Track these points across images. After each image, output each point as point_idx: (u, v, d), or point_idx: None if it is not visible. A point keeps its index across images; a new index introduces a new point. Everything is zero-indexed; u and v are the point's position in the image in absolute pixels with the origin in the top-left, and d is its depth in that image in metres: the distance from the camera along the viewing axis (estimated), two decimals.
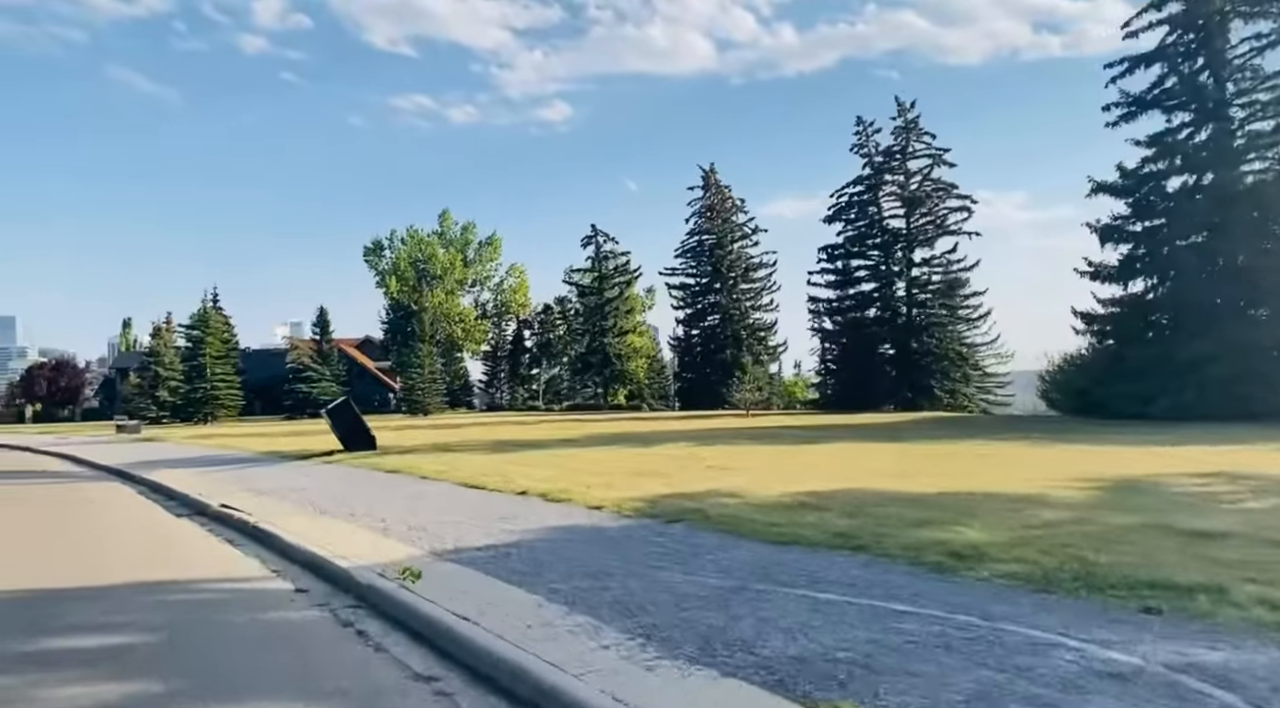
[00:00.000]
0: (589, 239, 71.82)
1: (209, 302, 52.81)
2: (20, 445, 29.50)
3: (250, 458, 19.28)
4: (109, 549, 8.72)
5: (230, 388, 53.08)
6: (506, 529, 8.27)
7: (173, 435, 33.19)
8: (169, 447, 25.69)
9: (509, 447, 19.92)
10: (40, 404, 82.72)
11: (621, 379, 71.46)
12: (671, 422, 34.03)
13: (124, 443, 28.70)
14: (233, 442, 26.37)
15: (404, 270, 72.23)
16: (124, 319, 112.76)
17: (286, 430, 35.04)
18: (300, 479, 14.05)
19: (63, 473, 18.60)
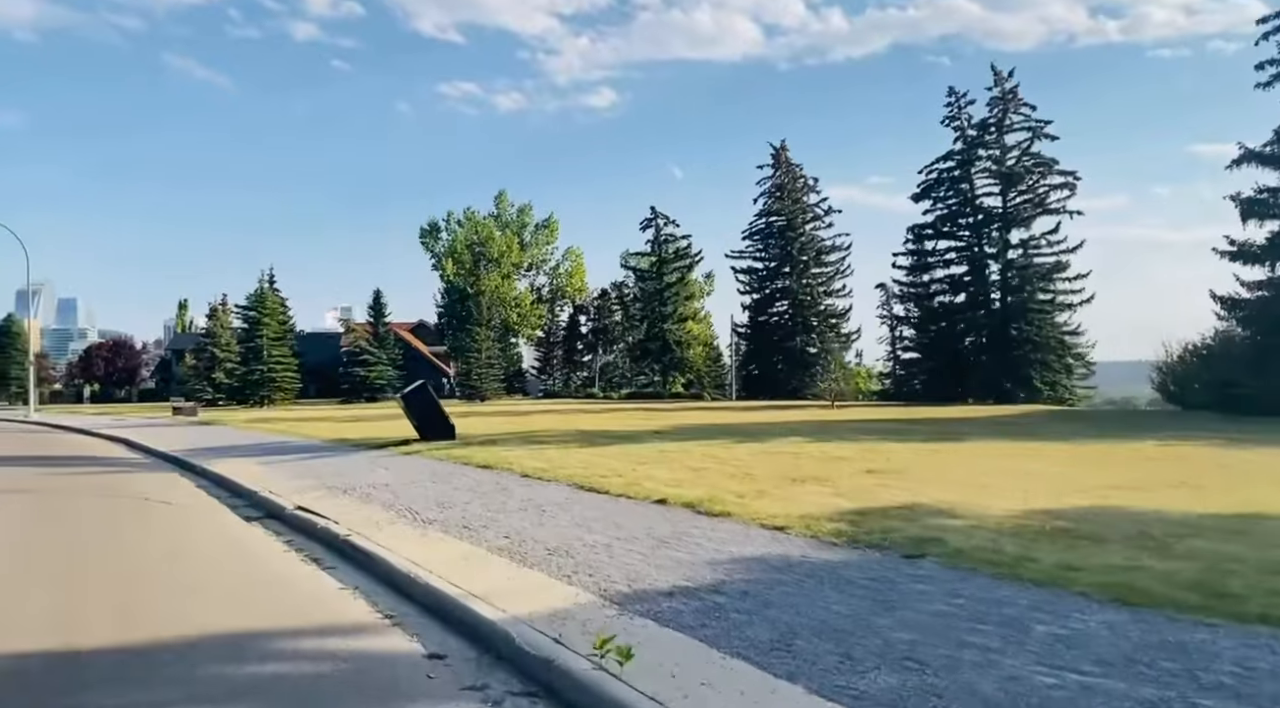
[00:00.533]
0: (648, 222, 69.72)
1: (265, 282, 51.89)
2: (77, 427, 28.45)
3: (318, 447, 17.61)
4: (163, 575, 6.88)
5: (287, 370, 52.16)
6: (682, 559, 6.26)
7: (231, 419, 31.99)
8: (228, 431, 24.30)
9: (599, 439, 17.98)
10: (98, 384, 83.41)
11: (680, 367, 69.42)
12: (752, 413, 31.86)
13: (181, 427, 27.46)
14: (295, 427, 24.89)
15: (460, 253, 70.87)
16: (180, 301, 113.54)
17: (348, 415, 33.64)
18: (381, 474, 12.24)
19: (117, 460, 17.13)
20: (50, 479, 13.25)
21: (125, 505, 10.47)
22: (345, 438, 19.35)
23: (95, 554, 7.59)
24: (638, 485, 10.02)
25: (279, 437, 20.88)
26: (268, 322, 51.38)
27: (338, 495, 10.28)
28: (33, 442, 22.81)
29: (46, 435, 25.59)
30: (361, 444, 17.51)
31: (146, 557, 7.44)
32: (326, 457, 15.26)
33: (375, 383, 59.83)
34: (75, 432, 27.26)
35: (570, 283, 76.53)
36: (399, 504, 9.40)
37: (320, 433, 21.36)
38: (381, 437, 19.28)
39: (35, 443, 22.24)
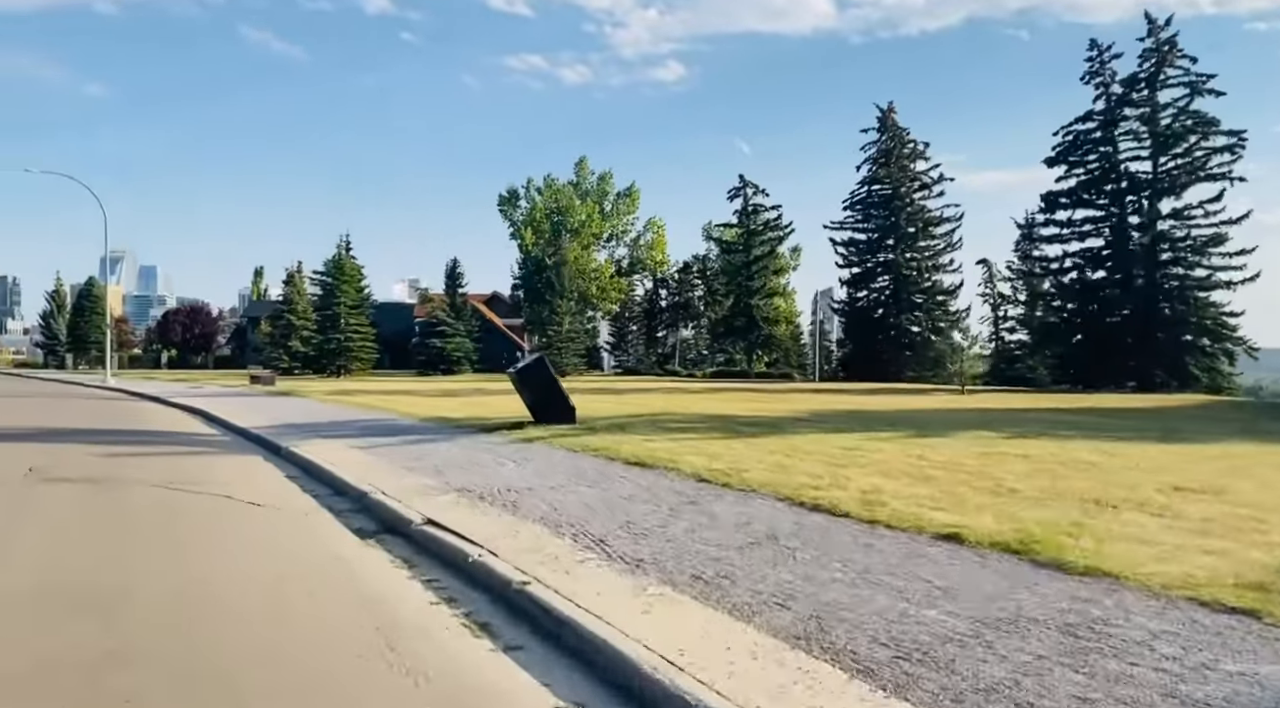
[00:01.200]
0: (736, 191, 66.52)
1: (342, 248, 50.39)
2: (152, 395, 26.95)
3: (418, 427, 15.32)
4: (257, 663, 4.43)
5: (364, 340, 50.77)
6: (1098, 672, 3.53)
7: (310, 389, 30.25)
8: (311, 404, 22.35)
9: (738, 426, 15.34)
10: (175, 350, 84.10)
11: (767, 345, 66.35)
12: (878, 397, 28.82)
13: (259, 397, 25.70)
14: (380, 401, 22.84)
15: (539, 222, 68.72)
16: (255, 268, 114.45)
17: (434, 389, 31.66)
18: (511, 470, 9.78)
19: (192, 437, 15.10)
20: (113, 462, 11.13)
21: (200, 508, 8.17)
22: (444, 417, 17.09)
23: (151, 606, 5.20)
24: (880, 505, 7.33)
25: (369, 413, 18.74)
26: (345, 289, 49.96)
27: (473, 502, 7.81)
28: (104, 411, 21.17)
29: (119, 403, 24.05)
30: (466, 426, 15.19)
31: (229, 613, 5.00)
32: (433, 441, 12.91)
33: (452, 355, 58.22)
34: (149, 400, 25.73)
35: (650, 255, 73.85)
36: (564, 521, 6.86)
37: (413, 410, 19.17)
38: (485, 416, 16.98)
39: (106, 413, 20.56)
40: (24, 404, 23.09)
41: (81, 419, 17.94)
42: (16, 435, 14.29)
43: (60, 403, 24.07)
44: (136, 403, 24.72)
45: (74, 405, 22.76)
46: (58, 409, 21.09)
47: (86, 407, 22.37)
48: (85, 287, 74.13)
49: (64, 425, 16.02)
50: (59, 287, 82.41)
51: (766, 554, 5.79)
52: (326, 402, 23.52)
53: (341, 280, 49.63)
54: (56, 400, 24.70)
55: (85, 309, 72.12)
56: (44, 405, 22.56)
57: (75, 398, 26.73)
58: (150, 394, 27.12)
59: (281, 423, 16.14)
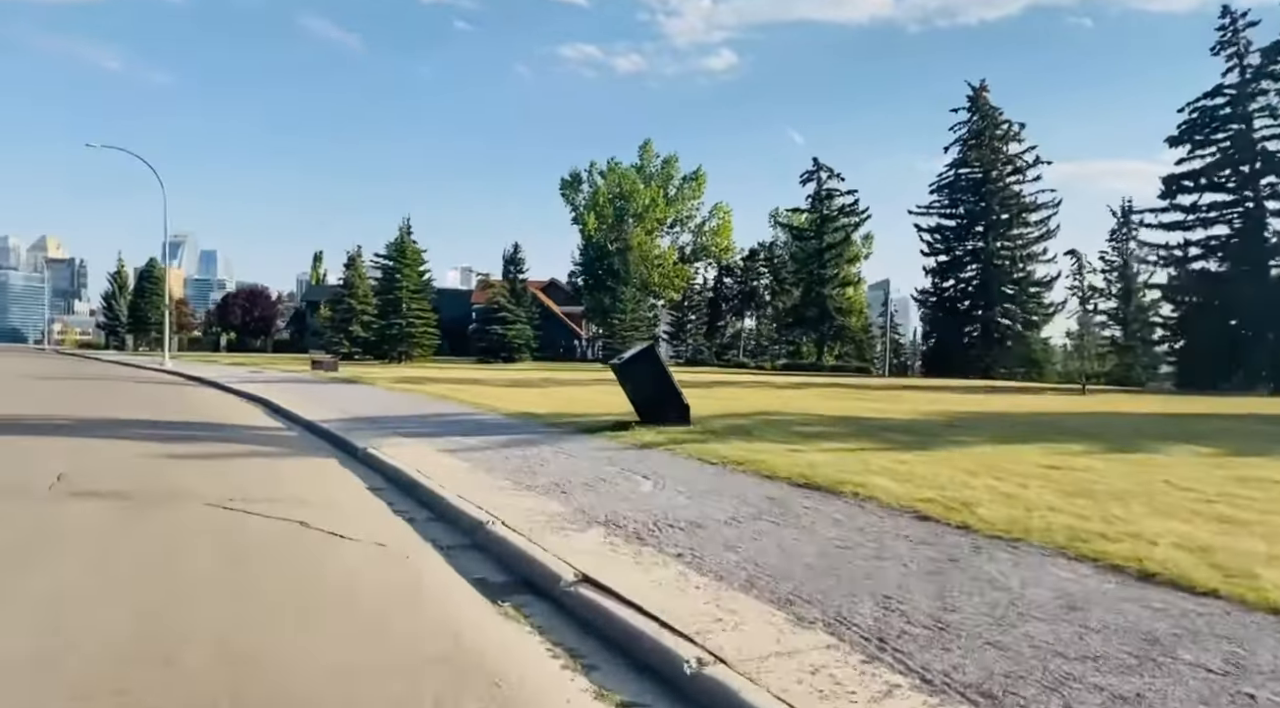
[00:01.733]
0: (809, 175, 63.76)
1: (404, 231, 48.92)
2: (210, 379, 25.48)
3: (506, 425, 13.31)
4: None
5: (426, 326, 49.33)
6: None
7: (373, 376, 28.60)
8: (378, 393, 20.58)
9: (876, 429, 13.06)
10: (234, 333, 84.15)
11: (840, 336, 63.55)
12: (991, 397, 26.17)
13: (323, 384, 24.05)
14: (451, 391, 20.99)
15: (602, 206, 66.63)
16: (315, 253, 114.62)
17: (502, 378, 29.85)
18: (649, 489, 7.66)
19: (254, 432, 13.28)
20: (160, 467, 9.27)
21: (265, 544, 6.16)
22: (532, 413, 15.07)
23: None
24: (1177, 560, 5.03)
25: (445, 406, 16.82)
26: (407, 273, 48.52)
27: (632, 545, 5.69)
28: (157, 397, 19.62)
29: (174, 389, 22.56)
30: (562, 424, 13.15)
31: None
32: (533, 444, 10.86)
33: (513, 342, 56.60)
34: (207, 385, 24.25)
35: (715, 241, 71.33)
36: (787, 591, 4.68)
37: (493, 402, 17.20)
38: (578, 413, 14.94)
39: (159, 400, 18.98)
40: (75, 388, 21.71)
41: (132, 407, 16.31)
42: (58, 427, 12.59)
43: (112, 387, 22.68)
44: (193, 388, 23.23)
45: (126, 390, 21.31)
46: (108, 394, 19.61)
47: (139, 392, 20.89)
48: (146, 268, 74.21)
49: (111, 415, 14.34)
50: (121, 268, 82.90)
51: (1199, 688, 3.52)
52: (394, 390, 21.75)
53: (403, 264, 48.18)
54: (109, 384, 23.34)
55: (146, 290, 72.15)
56: (94, 390, 21.14)
57: (129, 381, 25.40)
58: (208, 379, 25.67)
59: (352, 416, 14.28)
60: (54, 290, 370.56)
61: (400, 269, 47.84)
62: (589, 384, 28.12)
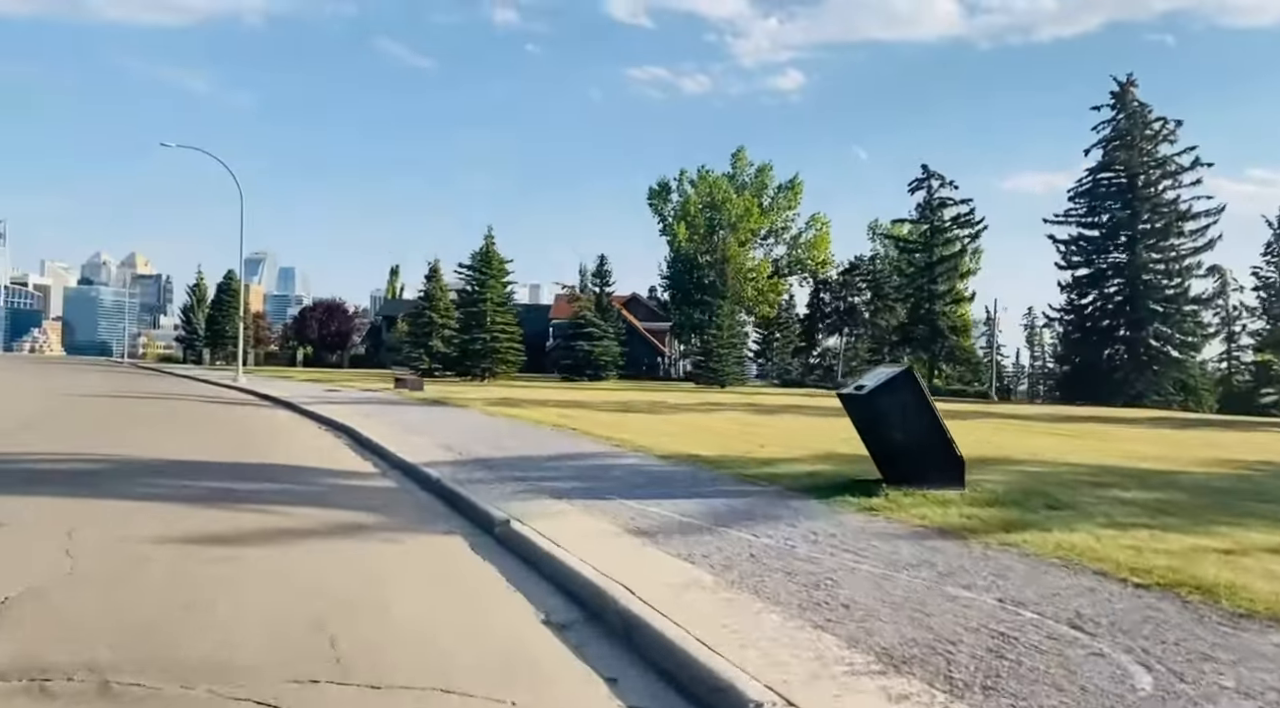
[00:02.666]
0: (919, 182, 59.11)
1: (489, 240, 45.97)
2: (284, 400, 22.39)
3: (678, 476, 9.51)
4: None
5: (510, 340, 46.18)
6: None
7: (464, 397, 25.24)
8: (478, 420, 17.09)
9: (1222, 496, 8.93)
10: (310, 347, 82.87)
11: (952, 357, 58.47)
12: (1204, 433, 21.48)
13: (411, 407, 20.69)
14: (563, 418, 17.43)
15: (694, 216, 62.97)
16: (391, 267, 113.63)
17: (605, 400, 26.21)
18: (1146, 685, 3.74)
19: (336, 483, 9.76)
20: (184, 572, 5.70)
21: None
22: (695, 455, 11.33)
23: None
24: None
25: (573, 441, 13.14)
26: (492, 284, 45.51)
27: None
28: (221, 423, 16.42)
29: (243, 412, 19.42)
30: (752, 477, 9.39)
31: None
32: (754, 518, 7.04)
33: (599, 359, 53.11)
34: (281, 405, 21.14)
35: (812, 254, 66.98)
36: None
37: (630, 437, 13.47)
38: (749, 456, 11.17)
39: (222, 426, 15.76)
40: (127, 410, 18.76)
41: (185, 439, 13.02)
42: (68, 476, 9.26)
43: (170, 410, 19.71)
44: (264, 410, 20.12)
45: (188, 413, 18.24)
46: (165, 419, 16.52)
47: (202, 414, 17.79)
48: (224, 281, 73.22)
49: (149, 455, 10.99)
50: (199, 281, 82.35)
51: None
52: (495, 415, 18.26)
53: (488, 274, 45.18)
54: (168, 405, 20.40)
55: (224, 303, 71.05)
56: (148, 413, 18.12)
57: (194, 401, 22.49)
58: (281, 398, 22.59)
59: (460, 453, 10.75)
60: (141, 305, 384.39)
61: (485, 280, 44.84)
62: (706, 410, 24.31)
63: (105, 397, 22.27)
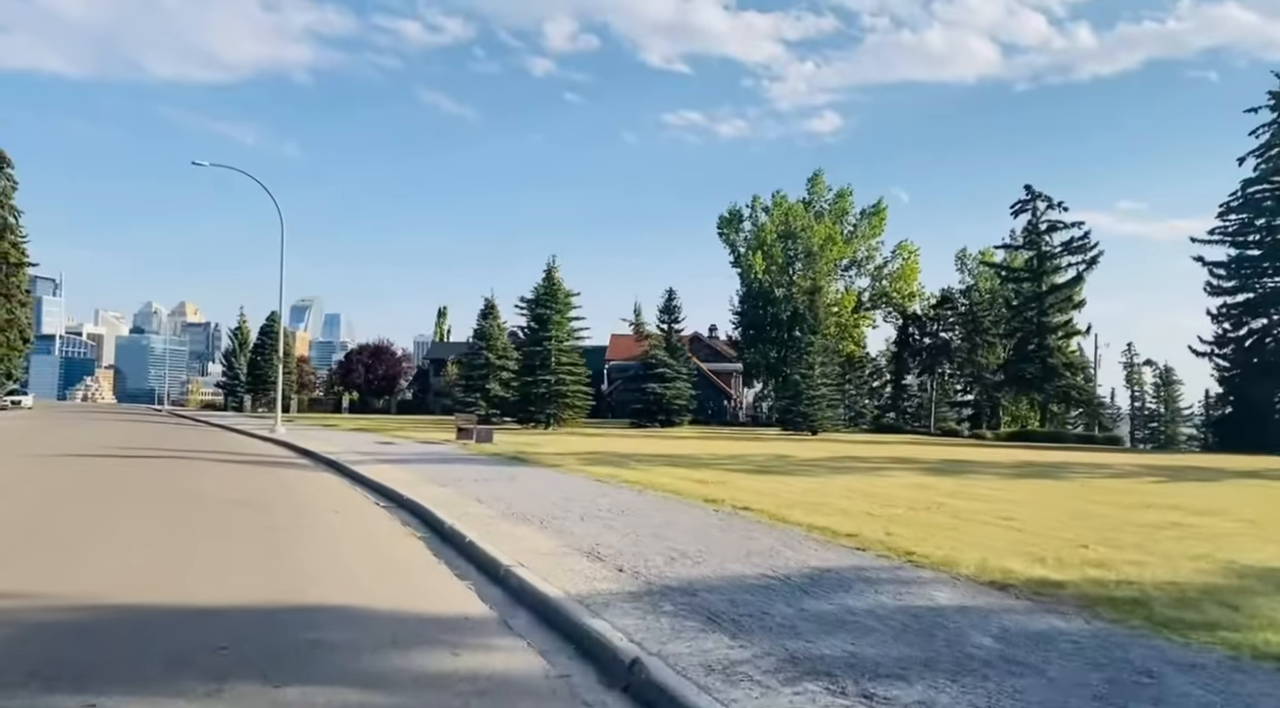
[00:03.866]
0: (1023, 205, 53.92)
1: (551, 268, 41.65)
2: (329, 457, 17.92)
3: (1089, 651, 4.62)
4: None
5: (578, 383, 41.60)
6: None
7: (543, 450, 20.56)
8: (592, 490, 12.38)
9: None
10: (356, 393, 79.35)
11: (1066, 398, 52.57)
12: None
13: (488, 465, 16.02)
14: (698, 484, 12.74)
15: (770, 245, 58.25)
16: (439, 308, 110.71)
17: (721, 455, 21.35)
18: None
19: (429, 642, 4.98)
20: None
21: None
22: (911, 553, 6.48)
23: None
24: None
25: (781, 539, 8.27)
26: (557, 320, 41.07)
27: None
28: (234, 502, 11.86)
29: (275, 477, 14.86)
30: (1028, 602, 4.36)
31: None
32: None
33: (672, 403, 48.34)
34: (325, 465, 16.64)
35: (898, 287, 61.74)
36: None
37: (869, 532, 8.63)
38: (1110, 574, 6.14)
39: (233, 511, 11.17)
40: (120, 480, 14.37)
41: (169, 550, 8.35)
42: None
43: (188, 471, 15.34)
44: (304, 473, 15.62)
45: (193, 482, 13.75)
46: (157, 500, 12.03)
47: (213, 487, 13.30)
48: (267, 323, 70.08)
49: (89, 599, 6.45)
50: (242, 323, 79.44)
51: None
52: (603, 480, 13.58)
53: (553, 309, 40.78)
54: (180, 471, 16.01)
55: (266, 347, 67.82)
56: (147, 484, 13.66)
57: (216, 460, 18.11)
58: (327, 457, 18.10)
59: (632, 575, 6.14)
60: (190, 353, 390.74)
61: (549, 316, 40.44)
62: (852, 469, 19.41)
63: (105, 456, 18.01)
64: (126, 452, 18.68)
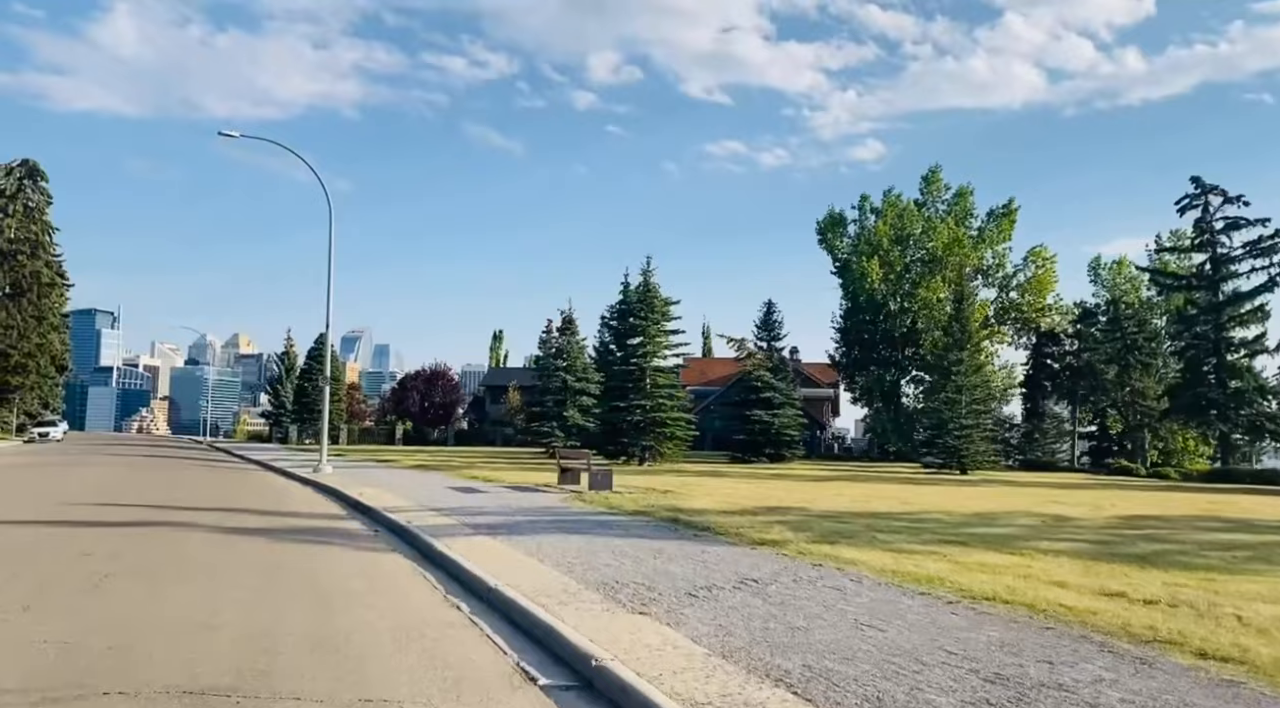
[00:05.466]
0: (1191, 200, 46.31)
1: (647, 273, 35.39)
2: (386, 516, 11.74)
3: None
4: None
5: (677, 408, 35.13)
6: None
7: (693, 504, 14.14)
8: (922, 611, 5.85)
9: None
10: (410, 422, 74.04)
11: (1256, 430, 44.54)
12: None
13: (655, 538, 9.57)
14: (1047, 597, 6.16)
15: (887, 249, 51.44)
16: (494, 332, 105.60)
17: (930, 506, 14.55)
18: None
19: None
20: None
21: None
22: None
23: None
24: None
25: None
26: (653, 333, 34.76)
27: None
28: (217, 666, 5.58)
29: (308, 570, 8.60)
30: None
31: None
32: None
33: (782, 434, 41.61)
34: (389, 534, 10.39)
35: (1030, 300, 54.31)
36: None
37: None
38: None
39: (205, 695, 4.87)
40: (59, 571, 8.30)
41: None
42: None
43: (162, 561, 9.24)
44: (357, 560, 9.42)
45: (172, 594, 7.63)
46: (158, 589, 5.93)
47: (203, 598, 7.14)
48: (314, 346, 65.08)
49: None
50: (289, 348, 74.66)
51: None
52: (913, 584, 7.08)
53: (649, 320, 34.50)
54: (168, 548, 9.96)
55: (314, 372, 62.79)
56: (91, 587, 7.54)
57: (222, 530, 12.04)
58: (390, 517, 11.91)
59: None
60: (243, 384, 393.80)
61: (647, 326, 34.16)
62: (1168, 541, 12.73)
63: (54, 524, 12.07)
64: (93, 517, 12.70)
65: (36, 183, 63.21)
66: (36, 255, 61.07)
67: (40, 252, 61.71)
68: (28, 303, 60.08)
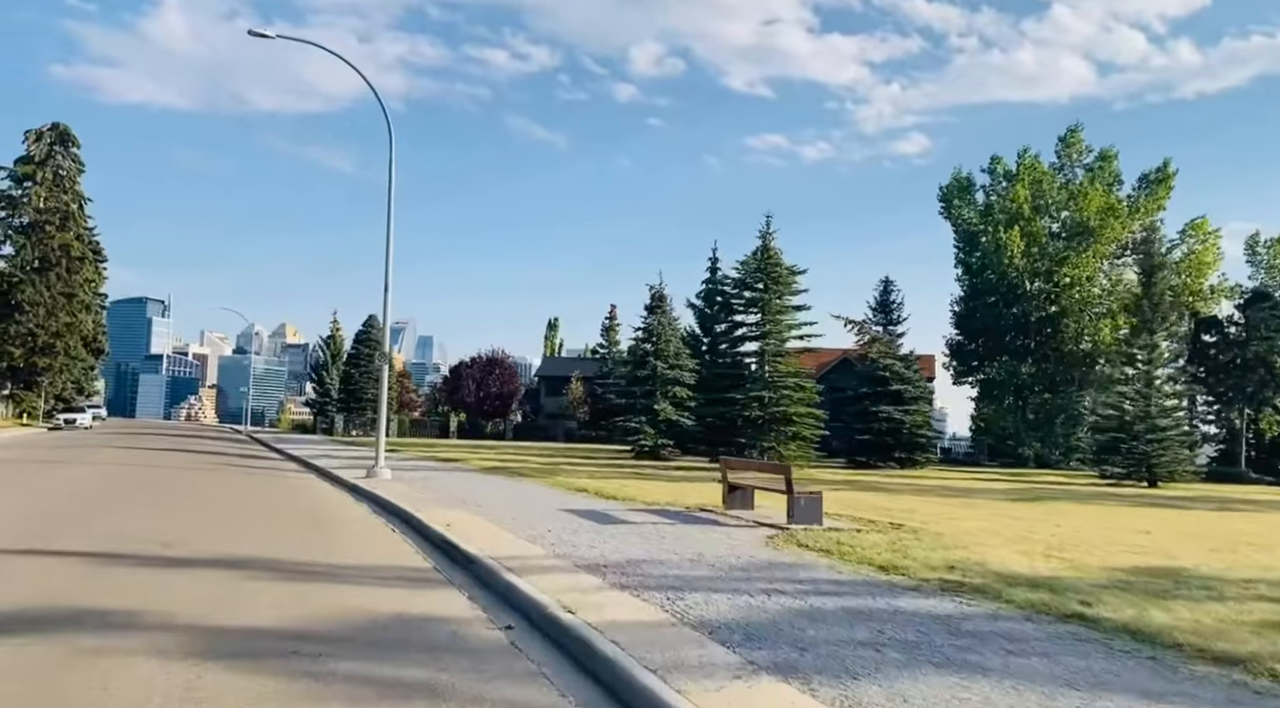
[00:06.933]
0: None
1: (766, 235, 29.50)
2: (507, 575, 6.05)
3: None
4: None
5: (805, 403, 29.27)
6: None
7: (965, 555, 8.36)
8: None
9: None
10: (465, 413, 69.21)
11: None
12: None
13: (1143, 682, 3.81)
14: None
15: (1029, 218, 44.87)
16: (549, 320, 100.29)
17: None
18: None
19: None
20: None
21: None
22: None
23: None
24: None
25: None
26: (776, 309, 28.92)
27: None
28: None
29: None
30: None
31: None
32: None
33: (915, 436, 35.52)
34: (539, 634, 4.69)
35: (1189, 281, 47.35)
36: None
37: None
38: None
39: None
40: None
41: None
42: None
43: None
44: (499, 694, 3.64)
45: None
46: None
47: None
48: (362, 329, 60.29)
49: None
50: (335, 332, 70.13)
51: None
52: None
53: (771, 292, 28.67)
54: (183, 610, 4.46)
55: (361, 357, 58.04)
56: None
57: (191, 678, 6.48)
58: (521, 586, 6.27)
59: None
60: (290, 373, 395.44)
61: (767, 300, 28.37)
62: None
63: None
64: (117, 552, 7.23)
65: (68, 149, 59.22)
66: (66, 227, 57.07)
67: (70, 224, 57.72)
68: (56, 278, 56.06)
